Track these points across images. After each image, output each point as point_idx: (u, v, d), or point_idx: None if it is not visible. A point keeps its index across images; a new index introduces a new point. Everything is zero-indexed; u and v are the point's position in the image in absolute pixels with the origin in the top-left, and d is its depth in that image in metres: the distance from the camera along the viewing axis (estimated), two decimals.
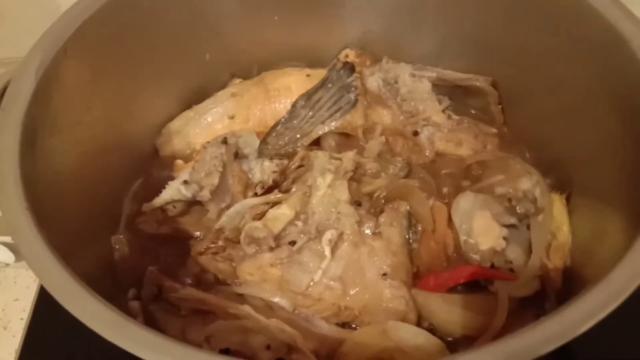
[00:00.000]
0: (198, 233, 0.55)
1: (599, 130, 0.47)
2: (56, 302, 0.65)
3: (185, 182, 0.52)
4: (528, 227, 0.50)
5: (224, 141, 0.54)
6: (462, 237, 0.48)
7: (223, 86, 0.65)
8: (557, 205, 0.51)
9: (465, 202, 0.49)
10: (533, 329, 0.28)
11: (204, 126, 0.62)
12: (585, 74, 0.48)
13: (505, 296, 0.45)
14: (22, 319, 0.64)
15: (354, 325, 0.48)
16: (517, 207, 0.49)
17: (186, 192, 0.52)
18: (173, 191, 0.53)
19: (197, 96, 0.64)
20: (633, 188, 0.39)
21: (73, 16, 0.48)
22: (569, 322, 0.28)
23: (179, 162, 0.60)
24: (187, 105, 0.64)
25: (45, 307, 0.65)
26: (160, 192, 0.55)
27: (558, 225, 0.50)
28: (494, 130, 0.61)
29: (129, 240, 0.54)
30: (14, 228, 0.36)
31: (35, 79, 0.43)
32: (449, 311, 0.45)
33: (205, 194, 0.52)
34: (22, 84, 0.42)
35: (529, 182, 0.51)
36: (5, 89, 0.47)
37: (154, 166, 0.61)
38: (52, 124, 0.45)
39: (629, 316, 0.32)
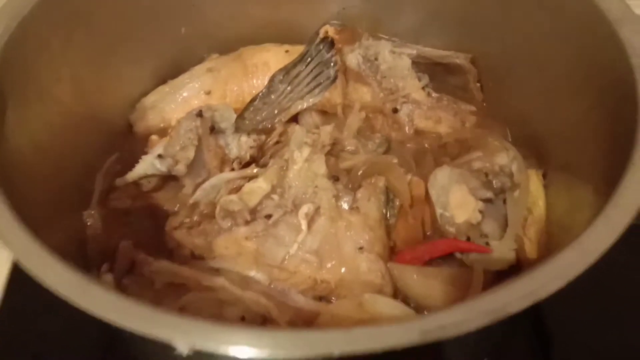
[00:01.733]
0: (174, 208, 0.54)
1: (578, 108, 0.48)
2: (28, 283, 0.64)
3: (160, 156, 0.51)
4: (504, 201, 0.50)
5: (199, 114, 0.53)
6: (439, 210, 0.48)
7: (200, 61, 0.64)
8: (534, 180, 0.51)
9: (442, 175, 0.49)
10: (506, 287, 0.28)
11: (180, 101, 0.61)
12: (566, 51, 0.48)
13: (480, 269, 0.46)
14: None
15: (330, 299, 0.48)
16: (494, 182, 0.49)
17: (161, 166, 0.51)
18: (147, 165, 0.52)
19: (172, 71, 0.63)
20: (608, 164, 0.39)
21: None
22: (540, 281, 0.28)
23: (154, 137, 0.59)
24: (162, 80, 0.63)
25: (17, 288, 0.64)
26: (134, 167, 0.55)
27: (534, 200, 0.50)
28: (473, 108, 0.61)
29: (102, 216, 0.53)
30: None
31: None
32: (424, 284, 0.45)
33: (180, 168, 0.51)
34: None
35: (506, 158, 0.51)
36: None
37: (128, 142, 0.60)
38: (18, 95, 0.44)
39: (597, 280, 0.32)
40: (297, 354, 0.26)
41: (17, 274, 0.64)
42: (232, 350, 0.27)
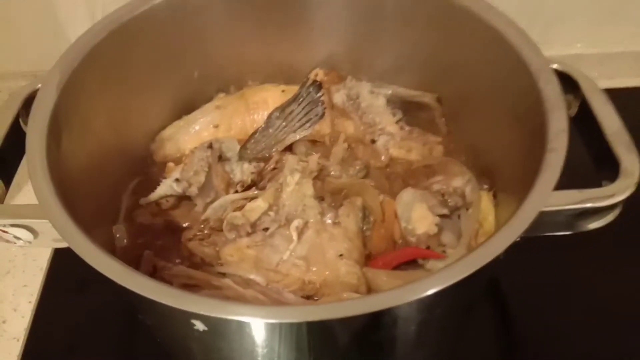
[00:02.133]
0: (187, 223, 0.65)
1: (512, 139, 0.57)
2: (59, 288, 0.75)
3: (177, 180, 0.62)
4: (459, 217, 0.61)
5: (210, 146, 0.64)
6: (403, 224, 0.59)
7: (209, 99, 0.75)
8: (485, 200, 0.62)
9: (406, 195, 0.60)
10: (430, 275, 0.39)
11: (192, 134, 0.72)
12: (502, 94, 0.58)
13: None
14: (30, 302, 0.73)
15: (316, 298, 0.58)
16: (449, 200, 0.60)
17: (177, 188, 0.62)
18: (166, 187, 0.63)
19: (187, 108, 0.73)
20: (527, 183, 0.49)
21: (85, 41, 0.58)
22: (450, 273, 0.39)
23: (171, 164, 0.70)
24: (178, 116, 0.73)
25: (51, 291, 0.74)
26: (155, 189, 0.65)
27: (484, 216, 0.61)
28: (439, 139, 0.71)
29: (128, 230, 0.64)
30: (45, 205, 0.46)
31: (56, 93, 0.53)
32: (391, 284, 0.55)
33: (193, 190, 0.62)
34: (46, 95, 0.52)
35: (462, 180, 0.61)
36: (26, 100, 0.57)
37: (149, 168, 0.71)
38: (68, 129, 0.55)
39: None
40: (282, 319, 0.37)
41: (51, 279, 0.75)
42: (238, 317, 0.37)
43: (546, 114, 0.49)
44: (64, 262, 0.76)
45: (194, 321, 0.40)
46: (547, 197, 0.43)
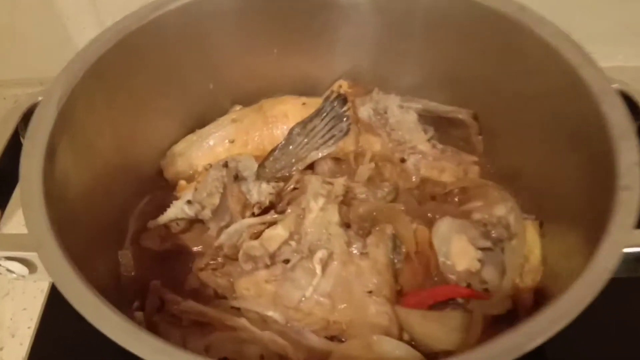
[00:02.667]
0: (199, 249, 0.59)
1: (564, 164, 0.52)
2: (61, 312, 0.69)
3: (189, 202, 0.57)
4: (503, 250, 0.54)
5: (225, 165, 0.58)
6: (441, 259, 0.53)
7: (224, 112, 0.70)
8: (530, 230, 0.55)
9: (444, 226, 0.54)
10: (496, 340, 0.33)
11: (206, 149, 0.67)
12: (551, 115, 0.52)
13: (479, 314, 0.50)
14: (29, 327, 0.67)
15: (342, 339, 0.52)
16: (492, 232, 0.53)
17: (189, 211, 0.57)
18: (177, 210, 0.57)
19: (200, 121, 0.68)
20: (592, 217, 0.43)
21: (89, 53, 0.52)
22: (525, 335, 0.33)
23: (182, 182, 0.65)
24: (191, 130, 0.68)
25: (52, 316, 0.69)
26: (164, 210, 0.60)
27: (530, 249, 0.54)
28: (475, 158, 0.65)
29: (134, 255, 0.58)
30: (39, 243, 0.40)
31: (56, 109, 0.47)
32: (427, 327, 0.49)
33: (206, 213, 0.56)
34: (45, 114, 0.47)
35: (504, 209, 0.55)
36: (25, 113, 0.52)
37: (159, 186, 0.66)
38: (69, 149, 0.50)
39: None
40: None
41: (52, 302, 0.70)
42: None
43: (612, 142, 0.43)
44: None
45: None
46: (628, 236, 0.36)
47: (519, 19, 0.52)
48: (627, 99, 0.50)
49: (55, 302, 0.70)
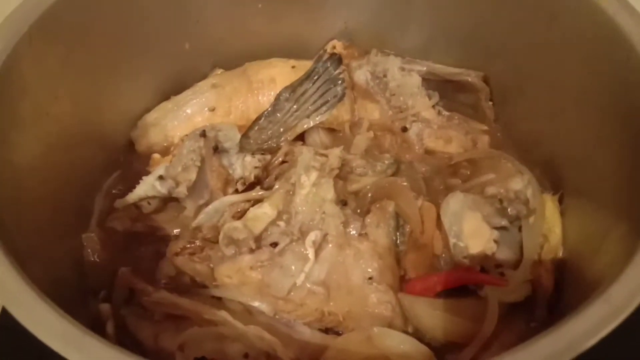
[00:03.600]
0: (175, 231, 0.52)
1: (593, 129, 0.46)
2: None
3: (161, 178, 0.50)
4: (519, 228, 0.48)
5: (203, 134, 0.51)
6: (452, 240, 0.46)
7: (203, 77, 0.63)
8: (549, 206, 0.49)
9: (454, 202, 0.47)
10: (528, 348, 0.26)
11: (183, 118, 0.59)
12: (580, 70, 0.46)
13: (495, 302, 0.44)
14: None
15: (338, 332, 0.45)
16: (509, 209, 0.47)
17: (161, 188, 0.49)
18: (147, 187, 0.50)
19: (175, 87, 0.61)
20: (632, 191, 0.37)
21: (35, 3, 0.44)
22: (569, 339, 0.26)
23: (156, 156, 0.57)
24: (165, 97, 0.61)
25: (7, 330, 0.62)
26: (136, 186, 0.53)
27: (550, 227, 0.48)
28: (485, 127, 0.59)
29: (101, 239, 0.51)
30: None
31: None
32: (436, 316, 0.43)
33: (181, 190, 0.49)
34: None
35: (521, 182, 0.49)
36: None
37: (130, 160, 0.59)
38: (14, 116, 0.42)
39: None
40: None
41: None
42: None
43: None
44: None
45: None
46: None
47: None
48: None
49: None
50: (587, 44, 0.45)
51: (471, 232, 0.45)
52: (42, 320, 0.30)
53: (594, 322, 0.27)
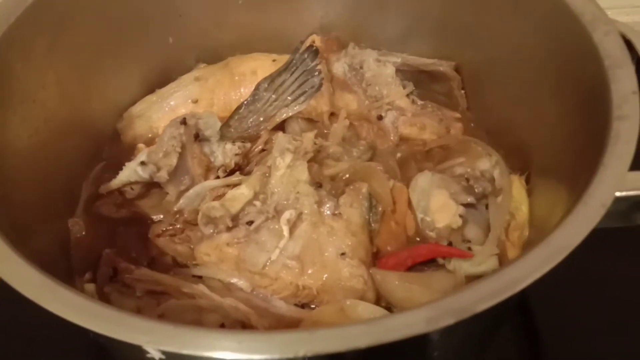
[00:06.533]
0: (158, 216, 0.54)
1: (554, 112, 0.48)
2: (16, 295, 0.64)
3: (143, 163, 0.52)
4: (487, 207, 0.50)
5: (183, 122, 0.53)
6: (419, 215, 0.48)
7: (187, 70, 0.65)
8: (517, 185, 0.51)
9: (423, 180, 0.50)
10: (471, 287, 0.28)
11: (167, 110, 0.62)
12: (541, 55, 0.48)
13: (462, 274, 0.45)
14: None
15: (312, 306, 0.47)
16: (475, 186, 0.49)
17: (143, 173, 0.51)
18: (130, 172, 0.52)
19: (160, 80, 0.63)
20: (583, 166, 0.39)
21: None
22: (505, 281, 0.28)
23: (141, 146, 0.59)
24: (150, 90, 0.63)
25: (5, 303, 0.64)
26: None
27: (517, 205, 0.50)
28: (457, 114, 0.61)
29: (87, 224, 0.53)
30: None
31: None
32: (406, 289, 0.45)
33: (162, 175, 0.51)
34: None
35: (488, 163, 0.51)
36: None
37: (116, 150, 0.60)
38: (4, 102, 0.44)
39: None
40: (258, 356, 0.26)
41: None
42: (197, 352, 0.27)
43: (606, 73, 0.38)
44: None
45: (147, 348, 0.30)
46: (621, 178, 0.32)
47: None
48: None
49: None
50: (545, 30, 0.47)
51: (438, 207, 0.47)
52: (22, 275, 0.32)
53: (534, 264, 0.29)
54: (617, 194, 0.32)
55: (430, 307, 0.28)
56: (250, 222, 0.47)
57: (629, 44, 0.46)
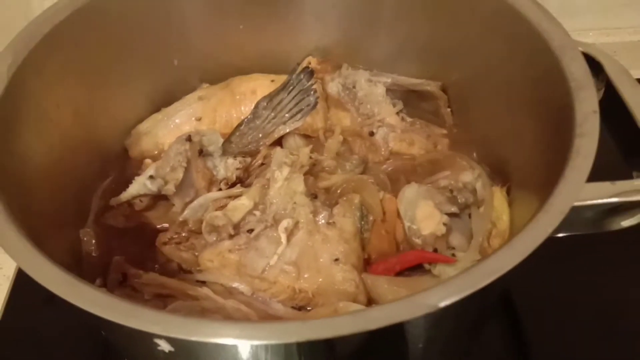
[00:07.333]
0: (163, 226, 0.58)
1: (530, 129, 0.52)
2: (28, 298, 0.67)
3: (151, 177, 0.55)
4: (470, 216, 0.54)
5: (188, 138, 0.57)
6: (407, 224, 0.52)
7: (191, 90, 0.69)
8: (498, 197, 0.55)
9: (409, 192, 0.53)
10: (441, 285, 0.32)
11: (172, 128, 0.66)
12: (518, 77, 0.52)
13: (446, 278, 0.49)
14: None
15: (308, 308, 0.51)
16: (458, 197, 0.53)
17: (152, 186, 0.55)
18: (139, 185, 0.56)
19: (166, 99, 0.67)
20: (551, 180, 0.43)
21: (45, 19, 0.51)
22: (471, 279, 0.32)
23: (148, 161, 0.63)
24: (157, 108, 0.67)
25: (18, 304, 0.67)
26: None
27: (498, 215, 0.54)
28: (444, 131, 0.65)
29: (97, 234, 0.57)
30: None
31: (7, 77, 0.46)
32: (394, 292, 0.49)
33: (170, 188, 0.55)
34: None
35: (471, 175, 0.55)
36: None
37: (124, 165, 0.64)
38: (23, 120, 0.48)
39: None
40: (257, 341, 0.30)
41: (21, 280, 0.68)
42: (204, 338, 0.30)
43: (572, 95, 0.42)
44: None
45: (158, 341, 0.33)
46: (579, 189, 0.36)
47: None
48: (590, 59, 0.50)
49: (21, 288, 0.68)
50: (521, 54, 0.51)
51: (423, 216, 0.51)
52: (50, 273, 0.35)
53: (497, 264, 0.33)
54: (575, 203, 0.36)
55: (407, 301, 0.31)
56: (250, 230, 0.51)
57: (599, 65, 0.51)
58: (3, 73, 0.46)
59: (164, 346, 0.34)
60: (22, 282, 0.69)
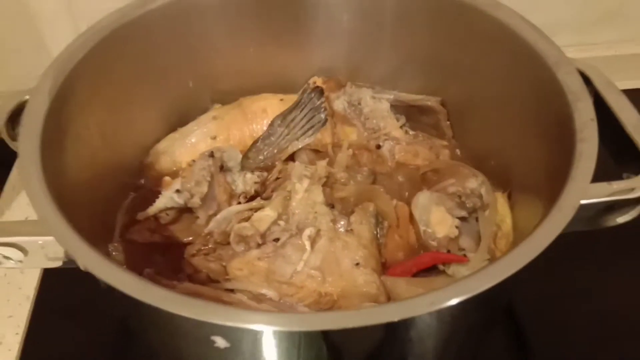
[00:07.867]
0: (188, 238, 0.60)
1: (529, 139, 0.56)
2: (48, 316, 0.69)
3: (178, 191, 0.58)
4: (477, 220, 0.58)
5: (211, 155, 0.60)
6: (422, 228, 0.56)
7: (204, 111, 0.72)
8: (501, 201, 0.60)
9: (423, 198, 0.58)
10: (450, 286, 0.37)
11: (189, 146, 0.68)
12: (517, 90, 0.57)
13: (460, 277, 0.53)
14: (17, 333, 0.67)
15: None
16: (466, 202, 0.57)
17: (179, 199, 0.58)
18: (167, 199, 0.59)
19: (182, 120, 0.70)
20: (555, 178, 0.48)
21: (76, 48, 0.55)
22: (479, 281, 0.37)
23: (167, 178, 0.66)
24: (172, 128, 0.70)
25: (40, 322, 0.69)
26: (150, 205, 0.61)
27: (502, 218, 0.58)
28: (445, 142, 0.70)
29: (125, 248, 0.59)
30: (48, 220, 0.42)
31: (48, 99, 0.49)
32: (413, 292, 0.52)
33: (196, 201, 0.58)
34: (38, 103, 0.48)
35: (475, 182, 0.59)
36: (10, 113, 0.54)
37: (144, 183, 0.67)
38: (60, 138, 0.51)
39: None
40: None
41: (42, 300, 0.70)
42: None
43: (570, 106, 0.47)
44: (52, 289, 0.70)
45: (215, 337, 0.36)
46: (586, 188, 0.41)
47: (476, 4, 0.57)
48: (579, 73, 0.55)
49: (42, 307, 0.70)
50: (520, 68, 0.56)
51: (437, 220, 0.55)
52: (116, 274, 0.38)
53: (515, 259, 0.37)
54: (582, 201, 0.41)
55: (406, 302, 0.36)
56: (276, 239, 0.55)
57: (587, 78, 0.57)
58: (45, 96, 0.49)
59: (220, 343, 0.37)
60: (43, 301, 0.71)
